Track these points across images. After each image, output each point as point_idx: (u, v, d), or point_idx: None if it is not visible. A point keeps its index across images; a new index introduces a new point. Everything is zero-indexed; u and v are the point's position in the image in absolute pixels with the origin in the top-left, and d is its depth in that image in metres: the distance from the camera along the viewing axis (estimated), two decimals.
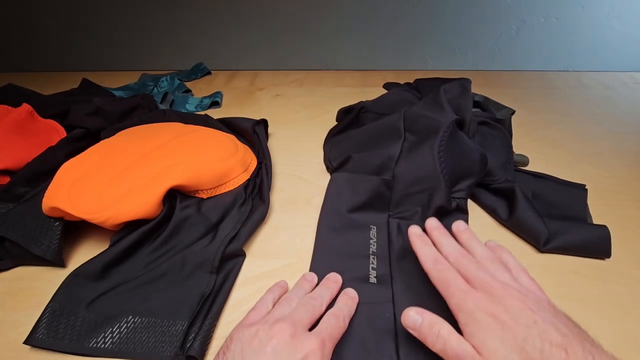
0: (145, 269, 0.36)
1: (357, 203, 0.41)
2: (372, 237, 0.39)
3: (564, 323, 0.24)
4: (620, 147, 0.56)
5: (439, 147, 0.41)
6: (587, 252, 0.38)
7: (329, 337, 0.27)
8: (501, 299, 0.25)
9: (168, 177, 0.40)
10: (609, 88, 0.75)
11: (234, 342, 0.26)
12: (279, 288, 0.33)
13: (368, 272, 0.36)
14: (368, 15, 0.80)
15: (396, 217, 0.41)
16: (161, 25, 0.83)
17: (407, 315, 0.28)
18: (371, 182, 0.42)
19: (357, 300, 0.32)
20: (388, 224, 0.40)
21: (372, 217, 0.41)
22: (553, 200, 0.44)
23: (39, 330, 0.31)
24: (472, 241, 0.32)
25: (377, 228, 0.40)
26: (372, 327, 0.31)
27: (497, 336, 0.24)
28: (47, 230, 0.38)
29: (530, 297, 0.26)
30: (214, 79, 0.83)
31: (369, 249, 0.38)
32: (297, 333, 0.26)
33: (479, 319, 0.25)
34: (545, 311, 0.25)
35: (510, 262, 0.31)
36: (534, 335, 0.23)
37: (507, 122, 0.53)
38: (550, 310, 0.25)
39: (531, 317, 0.24)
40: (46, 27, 0.83)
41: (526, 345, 0.23)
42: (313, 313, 0.29)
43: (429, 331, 0.26)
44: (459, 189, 0.42)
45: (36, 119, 0.53)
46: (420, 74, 0.74)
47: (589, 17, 0.78)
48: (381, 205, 0.42)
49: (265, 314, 0.29)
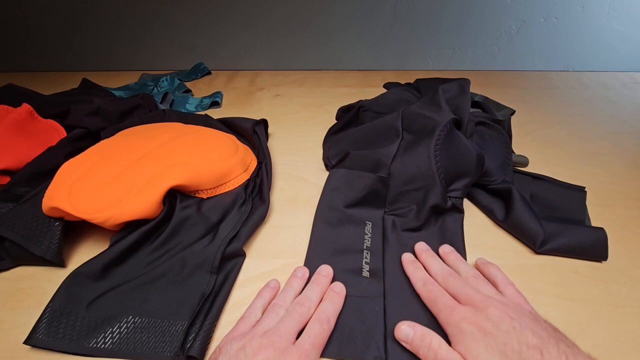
0: (145, 269, 0.36)
1: (354, 199, 0.42)
2: (367, 233, 0.40)
3: (542, 327, 0.27)
4: (619, 147, 0.56)
5: (435, 146, 0.41)
6: (584, 255, 0.38)
7: (311, 346, 0.28)
8: (483, 309, 0.28)
9: (168, 177, 0.40)
10: (609, 88, 0.75)
11: (222, 355, 0.27)
12: (268, 291, 0.34)
13: (361, 266, 0.36)
14: (368, 15, 0.80)
15: (391, 214, 0.41)
16: (161, 25, 0.83)
17: (399, 329, 0.30)
18: (367, 178, 0.42)
19: (344, 294, 0.34)
20: (383, 220, 0.41)
21: (368, 213, 0.41)
22: (551, 202, 0.44)
23: (39, 330, 0.31)
24: (458, 262, 0.36)
25: (373, 224, 0.41)
26: (362, 319, 0.32)
27: (481, 343, 0.26)
28: (47, 230, 0.38)
29: (511, 307, 0.29)
30: (214, 79, 0.83)
31: (363, 243, 0.39)
32: (283, 346, 0.27)
33: (464, 329, 0.27)
34: (525, 317, 0.27)
35: (499, 277, 0.33)
36: (513, 339, 0.26)
37: (506, 123, 0.53)
38: (529, 317, 0.28)
39: (510, 323, 0.27)
40: (46, 27, 0.83)
41: (506, 349, 0.25)
42: (300, 322, 0.30)
43: (421, 343, 0.28)
44: (454, 188, 0.42)
45: (36, 119, 0.53)
46: (420, 74, 0.74)
47: (589, 17, 0.78)
48: (377, 201, 0.42)
49: (254, 323, 0.30)
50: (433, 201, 0.40)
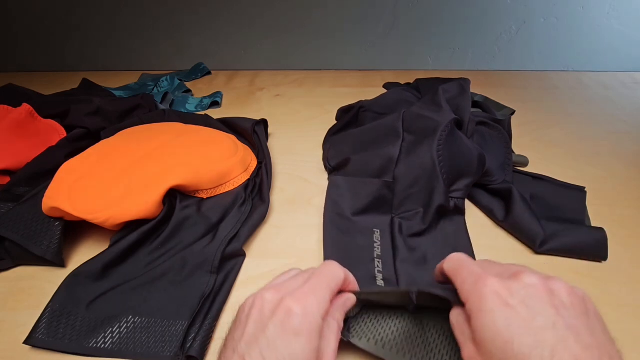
0: (145, 269, 0.36)
1: (360, 207, 0.41)
2: (376, 241, 0.39)
3: (591, 329, 0.20)
4: (619, 147, 0.56)
5: (437, 147, 0.41)
6: (584, 255, 0.38)
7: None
8: (516, 276, 0.22)
9: (168, 177, 0.40)
10: (609, 88, 0.75)
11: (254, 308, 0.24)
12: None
13: (374, 274, 0.36)
14: (368, 15, 0.80)
15: (398, 218, 0.41)
16: (161, 25, 0.83)
17: None
18: (372, 185, 0.42)
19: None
20: (391, 226, 0.40)
21: (375, 220, 0.41)
22: (552, 202, 0.44)
23: (39, 330, 0.31)
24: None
25: (381, 231, 0.40)
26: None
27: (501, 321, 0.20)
28: (47, 230, 0.38)
29: (556, 283, 0.22)
30: (214, 79, 0.83)
31: (373, 252, 0.38)
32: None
33: (487, 298, 0.21)
34: (573, 307, 0.21)
35: None
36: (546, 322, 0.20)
37: (507, 123, 0.53)
38: (579, 308, 0.21)
39: (549, 301, 0.21)
40: (46, 27, 0.83)
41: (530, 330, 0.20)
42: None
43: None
44: (456, 189, 0.42)
45: (36, 119, 0.53)
46: (420, 74, 0.74)
47: (589, 17, 0.78)
48: (384, 207, 0.42)
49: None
50: (438, 202, 0.40)
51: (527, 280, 0.22)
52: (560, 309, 0.20)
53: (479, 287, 0.22)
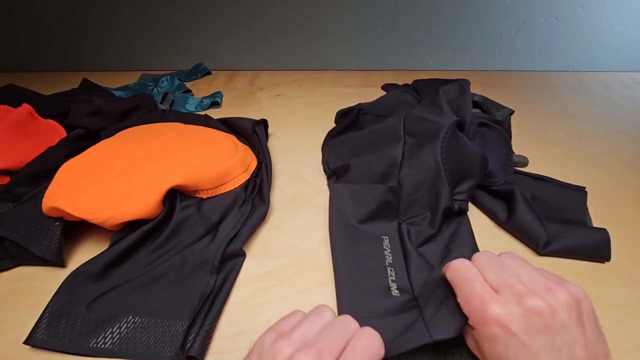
0: (145, 269, 0.36)
1: (365, 214, 0.40)
2: (385, 248, 0.38)
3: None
4: (619, 147, 0.56)
5: (440, 149, 0.40)
6: (586, 256, 0.38)
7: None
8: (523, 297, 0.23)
9: (168, 177, 0.40)
10: (609, 88, 0.75)
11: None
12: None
13: (388, 284, 0.34)
14: (368, 15, 0.80)
15: (406, 224, 0.40)
16: (161, 25, 0.83)
17: None
18: (377, 191, 0.41)
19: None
20: (399, 231, 0.39)
21: (383, 227, 0.40)
22: (552, 202, 0.44)
23: (39, 330, 0.31)
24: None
25: (390, 238, 0.39)
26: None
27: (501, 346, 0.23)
28: (47, 230, 0.38)
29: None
30: (214, 79, 0.83)
31: (385, 260, 0.37)
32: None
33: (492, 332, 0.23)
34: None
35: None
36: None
37: (507, 123, 0.53)
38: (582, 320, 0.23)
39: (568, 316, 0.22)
40: (46, 27, 0.83)
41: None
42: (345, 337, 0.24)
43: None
44: (460, 191, 0.41)
45: (36, 119, 0.52)
46: (420, 74, 0.74)
47: (588, 18, 0.78)
48: (390, 213, 0.41)
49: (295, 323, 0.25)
50: (444, 204, 0.39)
51: (530, 304, 0.23)
52: (559, 332, 0.22)
53: (481, 314, 0.24)
